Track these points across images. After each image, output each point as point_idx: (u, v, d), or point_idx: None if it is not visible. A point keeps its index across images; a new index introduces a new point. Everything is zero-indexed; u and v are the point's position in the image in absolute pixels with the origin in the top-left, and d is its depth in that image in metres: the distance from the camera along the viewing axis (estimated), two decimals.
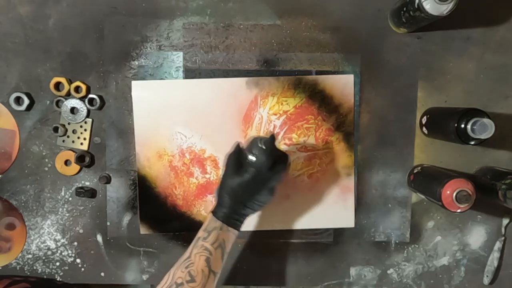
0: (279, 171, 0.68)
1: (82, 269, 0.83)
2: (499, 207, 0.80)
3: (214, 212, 0.67)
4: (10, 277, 0.72)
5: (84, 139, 0.81)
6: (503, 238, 0.82)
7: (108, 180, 0.81)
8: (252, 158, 0.66)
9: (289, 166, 0.69)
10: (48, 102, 0.81)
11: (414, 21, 0.72)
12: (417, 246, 0.83)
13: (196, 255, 0.64)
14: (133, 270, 0.83)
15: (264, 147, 0.66)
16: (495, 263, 0.82)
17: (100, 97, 0.80)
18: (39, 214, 0.82)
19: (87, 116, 0.81)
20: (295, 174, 0.82)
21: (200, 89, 0.80)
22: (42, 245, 0.83)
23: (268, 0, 0.80)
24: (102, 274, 0.84)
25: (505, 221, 0.82)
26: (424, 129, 0.79)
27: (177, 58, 0.80)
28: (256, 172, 0.65)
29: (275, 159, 0.67)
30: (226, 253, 0.67)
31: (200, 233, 0.66)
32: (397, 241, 0.83)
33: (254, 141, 0.67)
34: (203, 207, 0.82)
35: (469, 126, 0.65)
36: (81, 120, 0.81)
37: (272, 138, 0.67)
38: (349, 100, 0.81)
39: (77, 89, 0.80)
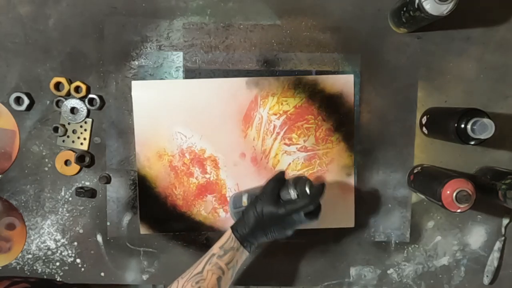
0: (311, 219, 0.67)
1: (82, 269, 0.83)
2: (499, 207, 0.80)
3: (234, 228, 0.66)
4: (10, 278, 0.72)
5: (84, 139, 0.81)
6: (503, 238, 0.82)
7: (108, 180, 0.81)
8: (294, 196, 0.65)
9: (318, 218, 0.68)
10: (48, 102, 0.81)
11: (414, 21, 0.72)
12: (417, 246, 0.83)
13: (209, 272, 0.63)
14: (133, 270, 0.83)
15: (309, 193, 0.65)
16: (495, 263, 0.82)
17: (100, 97, 0.80)
18: (39, 214, 0.82)
19: (87, 116, 0.81)
20: (295, 174, 0.82)
21: (200, 89, 0.80)
22: (42, 245, 0.83)
23: (268, 0, 0.80)
24: (102, 274, 0.84)
25: (505, 221, 0.82)
26: (424, 129, 0.79)
27: (177, 58, 0.80)
28: (292, 212, 0.64)
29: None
30: (235, 272, 0.67)
31: (216, 250, 0.65)
32: (397, 241, 0.83)
33: (303, 182, 0.66)
34: (203, 207, 0.82)
35: (469, 126, 0.65)
36: (81, 120, 0.81)
37: (323, 187, 0.66)
38: (349, 100, 0.81)
39: (77, 89, 0.80)
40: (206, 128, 0.81)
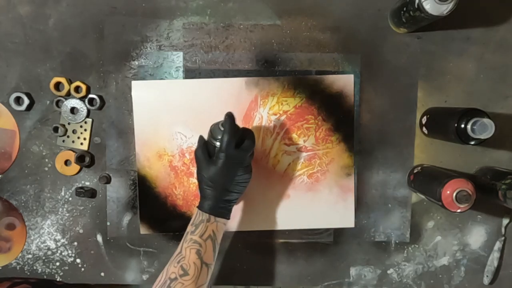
0: (248, 147, 0.68)
1: (82, 269, 0.83)
2: (499, 207, 0.80)
3: (199, 206, 0.68)
4: (10, 279, 0.72)
5: (84, 139, 0.81)
6: (503, 238, 0.82)
7: (108, 180, 0.81)
8: (217, 143, 0.67)
9: (253, 141, 0.70)
10: (48, 102, 0.81)
11: (414, 21, 0.72)
12: (417, 246, 0.83)
13: (187, 249, 0.64)
14: (133, 270, 0.83)
15: (222, 128, 0.67)
16: (495, 263, 0.82)
17: (100, 97, 0.80)
18: (39, 214, 0.82)
19: (87, 116, 0.81)
20: (295, 174, 0.82)
21: (200, 89, 0.80)
22: (42, 245, 0.83)
23: (268, 0, 0.80)
24: (102, 274, 0.84)
25: (505, 221, 0.82)
26: (424, 129, 0.79)
27: (177, 58, 0.80)
28: (225, 155, 0.66)
29: (240, 136, 0.67)
30: (218, 243, 0.67)
31: (188, 228, 0.67)
32: (397, 241, 0.83)
33: (215, 127, 0.68)
34: None
35: (469, 126, 0.65)
36: (81, 120, 0.81)
37: (230, 117, 0.66)
38: (349, 100, 0.81)
39: (77, 89, 0.80)
40: (206, 128, 0.81)
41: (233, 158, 0.66)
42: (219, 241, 0.68)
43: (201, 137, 0.71)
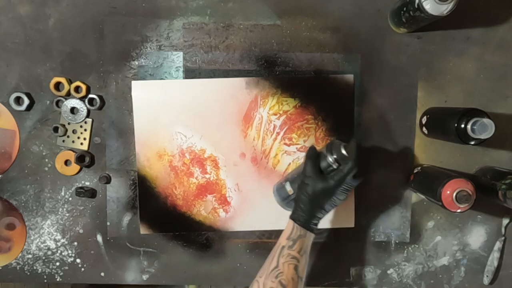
0: (359, 178, 0.67)
1: (82, 269, 0.83)
2: (499, 207, 0.80)
3: (295, 219, 0.67)
4: None
5: (84, 139, 0.81)
6: (503, 238, 0.82)
7: (108, 180, 0.81)
8: (335, 164, 0.66)
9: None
10: (48, 102, 0.81)
11: (414, 21, 0.72)
12: (417, 246, 0.83)
13: (285, 264, 0.65)
14: (133, 270, 0.83)
15: (347, 155, 0.65)
16: (495, 263, 0.82)
17: (100, 97, 0.80)
18: (39, 214, 0.82)
19: (87, 116, 0.81)
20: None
21: (200, 89, 0.80)
22: (42, 245, 0.83)
23: (268, 0, 0.80)
24: (102, 274, 0.84)
25: (505, 221, 0.82)
26: (424, 129, 0.79)
27: (177, 58, 0.80)
28: (341, 180, 0.65)
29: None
30: (308, 256, 0.67)
31: (284, 242, 0.66)
32: (397, 241, 0.83)
33: (336, 145, 0.67)
34: (203, 207, 0.82)
35: (469, 126, 0.65)
36: (81, 120, 0.81)
37: (355, 144, 0.66)
38: (349, 100, 0.81)
39: (77, 89, 0.80)
40: (206, 128, 0.81)
41: (346, 186, 0.67)
42: (308, 254, 0.68)
43: (313, 148, 0.69)
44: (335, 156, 0.66)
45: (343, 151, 0.66)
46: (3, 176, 0.82)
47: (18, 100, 0.80)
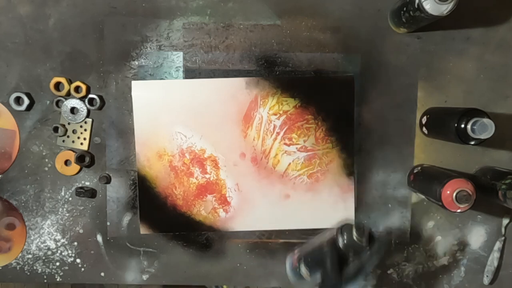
0: (375, 256, 0.67)
1: (82, 269, 0.83)
2: (499, 207, 0.80)
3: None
4: None
5: (84, 139, 0.81)
6: (503, 238, 0.82)
7: (108, 180, 0.81)
8: (350, 253, 0.64)
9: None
10: (48, 102, 0.81)
11: (414, 21, 0.72)
12: (417, 246, 0.83)
13: None
14: (133, 270, 0.83)
15: (364, 244, 0.63)
16: (495, 263, 0.82)
17: (100, 97, 0.80)
18: (39, 214, 0.82)
19: (87, 116, 0.81)
20: (295, 174, 0.82)
21: (200, 89, 0.80)
22: (42, 245, 0.83)
23: (268, 0, 0.80)
24: (102, 274, 0.84)
25: (505, 221, 0.82)
26: (424, 129, 0.79)
27: (177, 58, 0.80)
28: (359, 268, 0.64)
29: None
30: None
31: None
32: (397, 241, 0.83)
33: (350, 235, 0.64)
34: (203, 207, 0.82)
35: (469, 126, 0.65)
36: (81, 120, 0.81)
37: (369, 232, 0.64)
38: (349, 100, 0.81)
39: (77, 89, 0.80)
40: (206, 128, 0.81)
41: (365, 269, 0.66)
42: None
43: (335, 239, 0.66)
44: (348, 243, 0.63)
45: (357, 239, 0.63)
46: (3, 176, 0.82)
47: (18, 100, 0.80)
